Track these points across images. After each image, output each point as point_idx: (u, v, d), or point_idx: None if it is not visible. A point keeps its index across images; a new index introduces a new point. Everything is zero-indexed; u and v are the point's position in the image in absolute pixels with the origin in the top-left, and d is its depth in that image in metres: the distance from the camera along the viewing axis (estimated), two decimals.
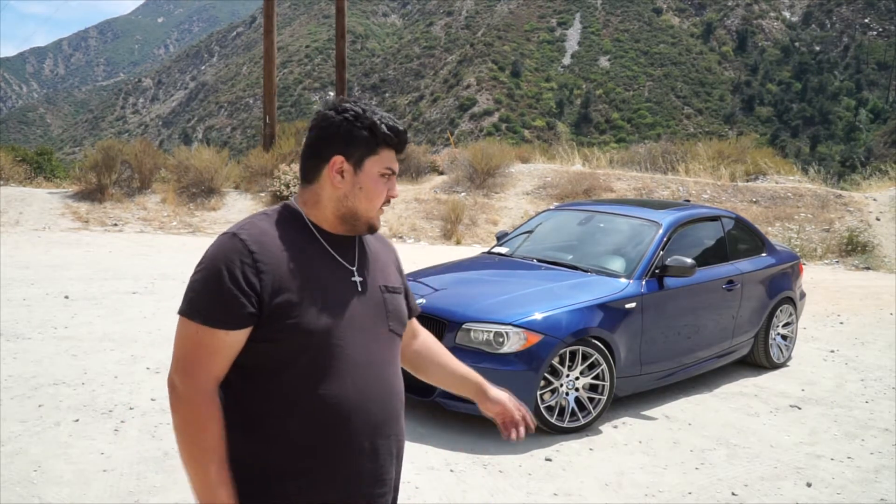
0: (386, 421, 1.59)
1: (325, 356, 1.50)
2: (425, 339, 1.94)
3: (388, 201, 1.64)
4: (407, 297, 1.80)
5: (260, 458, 1.48)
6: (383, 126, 1.58)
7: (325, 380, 1.49)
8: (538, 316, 4.30)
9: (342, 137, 1.57)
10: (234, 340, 1.46)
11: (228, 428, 1.48)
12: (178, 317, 1.50)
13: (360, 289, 1.59)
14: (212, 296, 1.45)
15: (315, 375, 1.49)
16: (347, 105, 1.60)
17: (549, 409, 4.29)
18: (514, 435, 1.87)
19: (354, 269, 1.61)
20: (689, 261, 4.83)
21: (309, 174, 1.61)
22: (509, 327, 4.22)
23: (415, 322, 1.91)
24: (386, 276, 1.70)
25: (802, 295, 6.44)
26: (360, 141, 1.57)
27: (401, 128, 1.62)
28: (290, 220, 1.58)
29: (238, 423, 1.49)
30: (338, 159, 1.57)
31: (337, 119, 1.58)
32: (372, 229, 1.64)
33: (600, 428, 4.47)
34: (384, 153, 1.59)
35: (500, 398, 1.89)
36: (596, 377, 4.44)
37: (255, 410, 1.50)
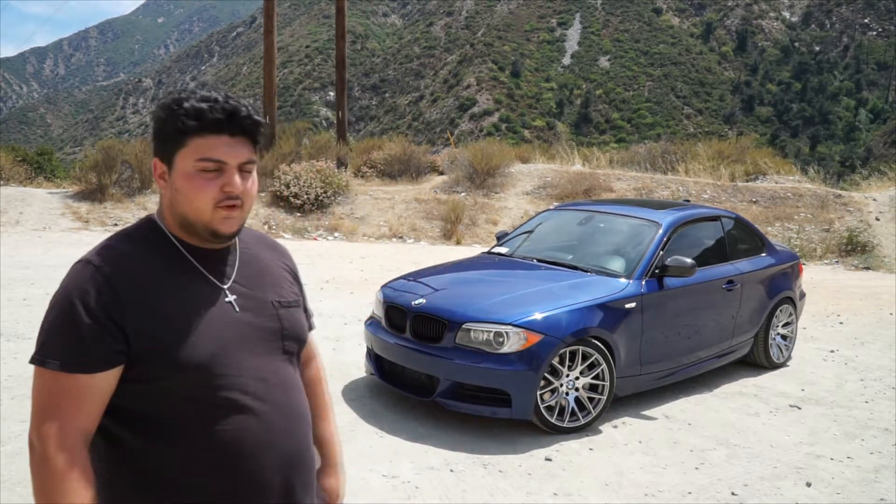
0: (296, 451, 1.40)
1: (213, 390, 1.30)
2: (314, 376, 1.66)
3: (232, 199, 1.33)
4: (305, 310, 1.58)
5: None
6: (188, 106, 1.29)
7: (219, 417, 1.30)
8: (538, 316, 4.30)
9: (154, 136, 1.36)
10: (100, 385, 1.26)
11: (117, 490, 1.30)
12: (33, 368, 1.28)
13: (236, 309, 1.37)
14: (67, 336, 1.25)
15: (207, 414, 1.30)
16: (164, 97, 1.35)
17: (549, 409, 4.29)
18: None
19: (226, 287, 1.38)
20: (689, 261, 4.83)
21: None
22: (509, 327, 4.22)
23: (310, 344, 1.65)
24: (279, 289, 1.48)
25: (802, 295, 6.44)
26: (167, 134, 1.32)
27: (212, 100, 1.30)
28: (152, 238, 1.38)
29: (128, 483, 1.30)
30: (155, 163, 1.37)
31: (154, 115, 1.35)
32: (217, 236, 1.36)
33: (600, 428, 4.47)
34: (199, 141, 1.30)
35: (330, 489, 1.61)
36: (596, 377, 4.44)
37: (146, 464, 1.30)
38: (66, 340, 1.26)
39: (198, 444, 1.30)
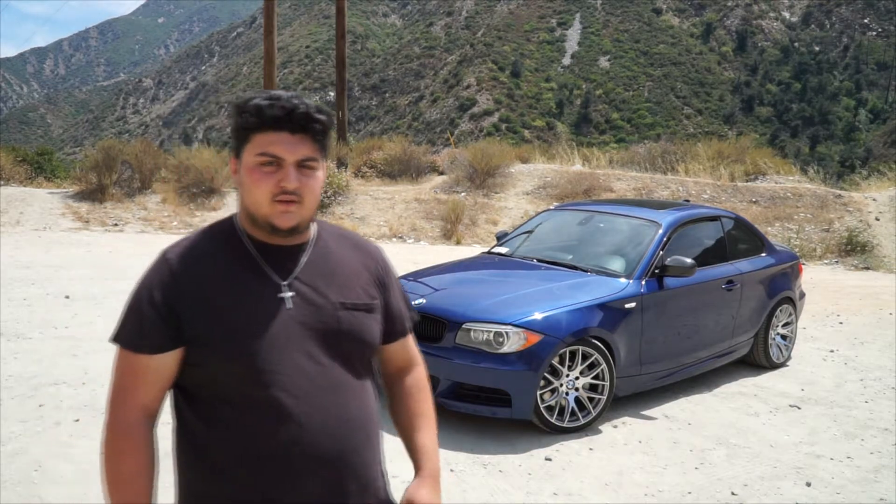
0: (340, 455, 1.39)
1: (253, 386, 1.34)
2: (414, 384, 1.64)
3: (287, 194, 1.36)
4: (389, 312, 1.56)
5: (206, 493, 1.38)
6: (252, 104, 1.37)
7: (257, 412, 1.35)
8: (538, 316, 4.31)
9: (232, 133, 1.43)
10: (159, 365, 1.36)
11: (182, 461, 1.41)
12: None
13: (288, 306, 1.39)
14: (133, 319, 1.38)
15: (247, 407, 1.35)
16: (243, 96, 1.43)
17: (549, 408, 4.29)
18: None
19: (285, 283, 1.40)
20: (689, 261, 4.83)
21: None
22: (509, 327, 4.22)
23: (410, 350, 1.64)
24: (347, 290, 1.46)
25: (802, 295, 6.45)
26: (237, 131, 1.40)
27: (274, 98, 1.36)
28: (224, 233, 1.45)
29: (188, 455, 1.41)
30: (231, 159, 1.45)
31: (229, 114, 1.50)
32: (275, 230, 1.39)
33: (600, 428, 4.48)
34: (260, 137, 1.36)
35: (419, 502, 1.60)
36: (596, 377, 4.44)
37: (199, 441, 1.39)
38: (132, 323, 1.38)
39: (234, 435, 1.36)
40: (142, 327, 1.36)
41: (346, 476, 1.40)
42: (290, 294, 1.40)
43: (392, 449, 4.23)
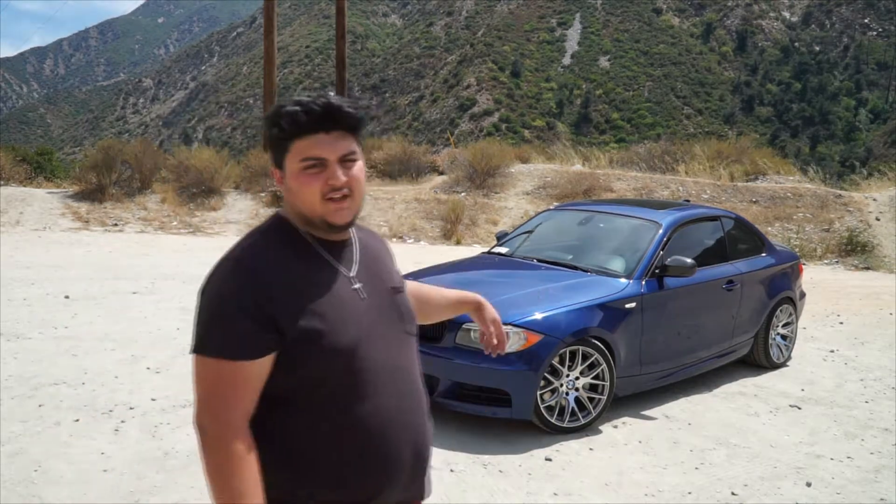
0: (422, 429, 1.52)
1: (356, 373, 1.41)
2: (414, 289, 1.87)
3: (337, 190, 1.43)
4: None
5: (302, 494, 1.40)
6: (284, 113, 1.40)
7: (361, 397, 1.41)
8: (538, 316, 4.30)
9: (268, 147, 1.48)
10: (258, 369, 1.37)
11: (263, 468, 1.39)
12: (193, 357, 1.41)
13: (362, 296, 1.48)
14: (226, 328, 1.36)
15: (350, 394, 1.41)
16: (269, 110, 1.46)
17: (549, 409, 4.29)
18: (487, 351, 1.94)
19: (353, 275, 1.49)
20: (689, 261, 4.83)
21: None
22: (509, 327, 4.22)
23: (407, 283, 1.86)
24: (390, 275, 1.61)
25: (802, 295, 6.44)
26: (275, 143, 1.45)
27: (302, 103, 1.39)
28: (287, 235, 1.47)
29: (272, 462, 1.39)
30: (273, 171, 1.49)
31: (263, 128, 1.50)
32: (333, 227, 1.46)
33: (600, 428, 4.47)
34: (299, 144, 1.41)
35: (488, 319, 1.93)
36: (596, 377, 4.44)
37: (288, 445, 1.40)
38: (225, 332, 1.36)
39: (335, 426, 1.40)
40: (239, 334, 1.35)
41: (425, 451, 1.53)
42: (360, 285, 1.49)
43: None
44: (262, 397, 1.39)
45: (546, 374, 4.26)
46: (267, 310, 1.35)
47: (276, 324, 1.36)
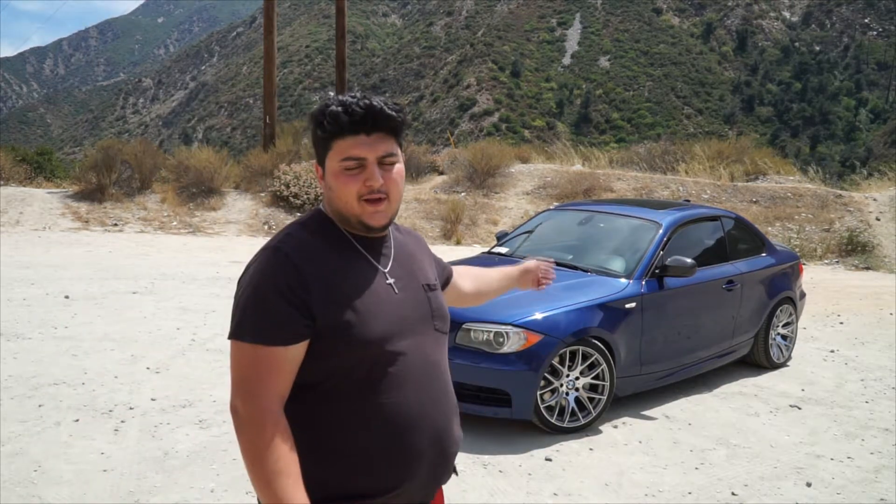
0: (445, 424, 1.55)
1: (383, 365, 1.45)
2: (468, 273, 2.01)
3: (374, 192, 1.47)
4: (444, 270, 1.86)
5: (327, 480, 1.43)
6: (327, 113, 1.45)
7: (386, 389, 1.45)
8: (538, 316, 4.30)
9: (313, 143, 1.53)
10: (293, 355, 1.41)
11: (308, 453, 1.42)
12: (230, 342, 1.44)
13: (395, 291, 1.52)
14: (263, 313, 1.40)
15: (376, 386, 1.44)
16: (315, 108, 1.51)
17: (549, 409, 4.29)
18: (542, 286, 2.15)
19: (387, 270, 1.53)
20: (689, 261, 4.83)
21: None
22: (509, 327, 4.22)
23: (458, 269, 1.98)
24: (425, 272, 1.65)
25: (802, 295, 6.44)
26: (318, 141, 1.49)
27: (346, 104, 1.44)
28: (325, 228, 1.52)
29: (299, 446, 1.41)
30: (316, 167, 1.55)
31: (309, 125, 1.53)
32: (369, 228, 1.50)
33: (600, 428, 4.47)
34: (340, 143, 1.45)
35: (531, 266, 2.14)
36: (596, 377, 4.44)
37: (317, 430, 1.44)
38: (262, 317, 1.39)
39: (361, 416, 1.43)
40: (275, 319, 1.38)
41: (451, 444, 1.57)
42: (393, 280, 1.53)
43: None
44: (301, 381, 1.43)
45: (546, 374, 4.26)
46: (302, 296, 1.39)
47: (311, 311, 1.39)
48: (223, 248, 11.48)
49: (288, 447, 1.37)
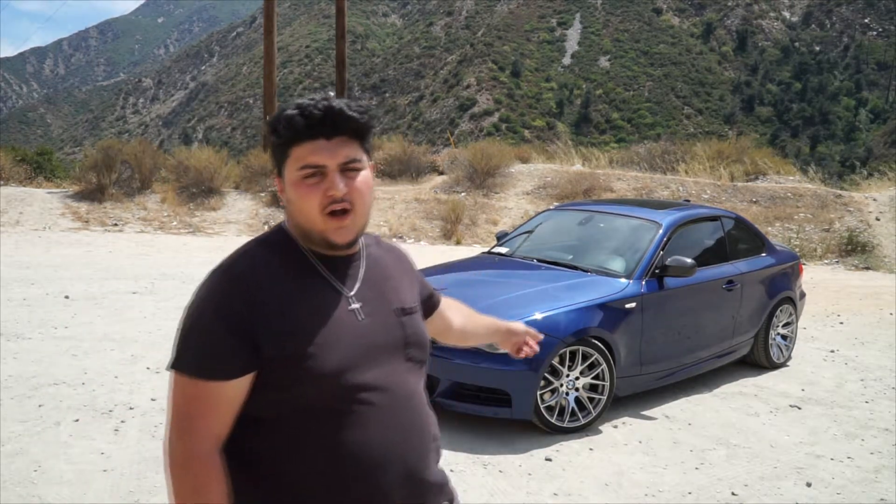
0: (416, 467, 1.38)
1: (343, 400, 1.30)
2: (459, 308, 1.84)
3: (337, 202, 1.31)
4: (429, 296, 1.66)
5: None
6: (282, 118, 1.31)
7: (347, 426, 1.30)
8: (538, 316, 4.30)
9: (271, 153, 1.38)
10: (234, 392, 1.27)
11: (238, 494, 1.29)
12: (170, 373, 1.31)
13: (360, 317, 1.36)
14: (203, 343, 1.27)
15: (334, 423, 1.30)
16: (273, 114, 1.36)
17: (549, 409, 4.29)
18: (521, 354, 1.91)
19: (352, 294, 1.37)
20: (689, 261, 4.83)
21: None
22: None
23: (446, 301, 1.78)
24: (401, 295, 1.47)
25: (802, 295, 6.44)
26: (274, 149, 1.35)
27: (301, 107, 1.30)
28: (285, 247, 1.37)
29: (251, 485, 1.30)
30: (276, 179, 1.40)
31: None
32: (333, 246, 1.35)
33: (600, 428, 4.47)
34: (297, 150, 1.31)
35: (521, 329, 1.93)
36: (596, 377, 4.44)
37: (270, 469, 1.30)
38: (201, 347, 1.27)
39: (319, 455, 1.30)
40: (215, 351, 1.26)
41: (426, 487, 1.39)
42: (358, 305, 1.37)
43: None
44: (245, 417, 1.30)
45: (546, 374, 4.26)
46: (248, 325, 1.26)
47: (257, 341, 1.26)
48: (223, 248, 11.48)
49: (221, 492, 1.25)
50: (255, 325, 1.26)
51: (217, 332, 1.26)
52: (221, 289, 1.30)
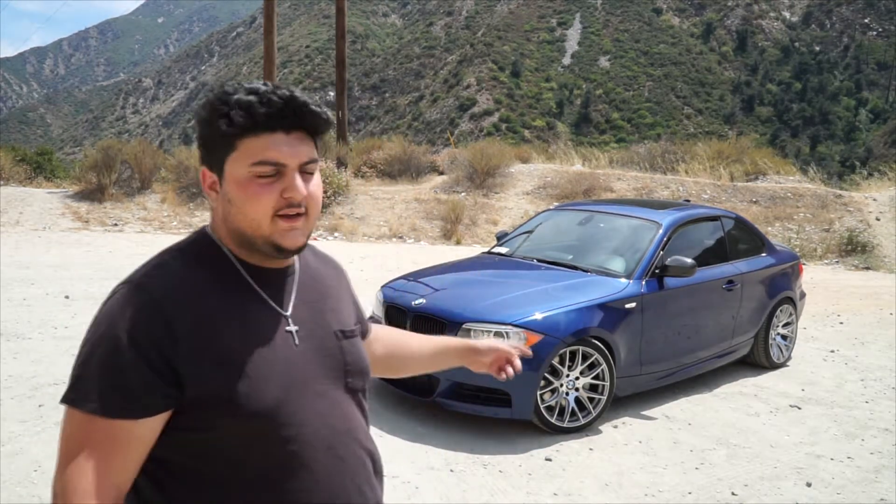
0: (363, 501, 1.22)
1: (274, 442, 1.11)
2: (386, 336, 1.58)
3: (293, 207, 1.14)
4: (359, 324, 1.40)
5: None
6: (234, 102, 1.10)
7: (286, 473, 1.12)
8: (538, 316, 4.30)
9: (200, 141, 1.16)
10: (143, 432, 1.06)
11: None
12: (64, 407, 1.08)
13: (296, 341, 1.17)
14: (108, 373, 1.05)
15: (266, 470, 1.11)
16: (216, 92, 1.14)
17: (549, 409, 4.29)
18: (503, 375, 1.59)
19: (288, 314, 1.19)
20: (689, 261, 4.83)
21: None
22: (509, 327, 4.22)
23: (376, 329, 1.57)
24: (340, 315, 1.29)
25: (802, 295, 6.44)
26: (213, 138, 1.13)
27: (259, 92, 1.11)
28: (208, 255, 1.17)
29: None
30: (204, 172, 1.17)
31: (198, 118, 1.16)
32: (281, 251, 1.16)
33: (600, 428, 4.47)
34: (250, 143, 1.11)
35: (492, 346, 1.60)
36: (596, 377, 4.43)
37: None
38: (106, 379, 1.05)
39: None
40: (124, 384, 1.04)
41: None
42: (296, 328, 1.19)
43: (392, 449, 4.24)
44: (161, 462, 1.10)
45: (546, 374, 4.26)
46: (167, 354, 1.05)
47: (177, 375, 1.06)
48: None
49: None
50: (176, 354, 1.06)
51: (128, 362, 1.05)
52: (133, 309, 1.08)
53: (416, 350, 1.61)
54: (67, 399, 1.07)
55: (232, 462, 1.10)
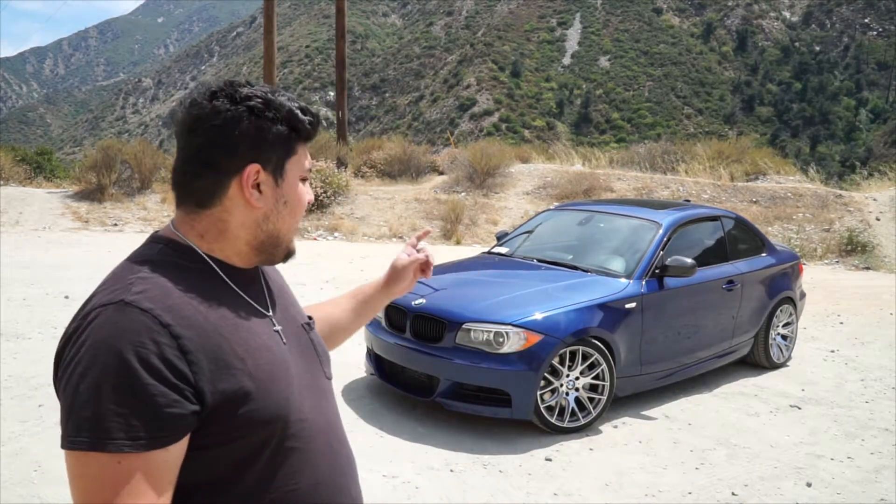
0: (357, 497, 1.27)
1: (290, 440, 1.11)
2: (316, 313, 1.54)
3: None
4: None
5: None
6: (299, 113, 1.14)
7: (296, 469, 1.12)
8: (538, 316, 4.30)
9: (252, 138, 1.10)
10: (175, 458, 1.00)
11: None
12: (69, 455, 0.99)
13: (283, 340, 1.17)
14: (130, 403, 0.95)
15: (284, 468, 1.11)
16: (246, 90, 1.11)
17: (549, 409, 4.29)
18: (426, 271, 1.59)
19: (271, 314, 1.19)
20: (689, 261, 4.83)
21: (203, 196, 1.11)
22: (509, 327, 4.22)
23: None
24: (298, 308, 1.31)
25: (802, 295, 6.44)
26: (278, 139, 1.12)
27: (304, 106, 1.18)
28: (188, 265, 1.11)
29: None
30: (252, 169, 1.11)
31: (237, 112, 1.09)
32: (290, 255, 1.21)
33: (600, 428, 4.47)
34: (301, 150, 1.17)
35: (400, 263, 1.58)
36: (596, 377, 4.43)
37: None
38: (127, 409, 0.95)
39: None
40: (150, 411, 0.96)
41: None
42: (280, 327, 1.19)
43: (391, 450, 4.24)
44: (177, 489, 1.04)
45: (546, 374, 4.26)
46: (181, 369, 0.99)
47: (195, 388, 1.00)
48: None
49: None
50: (191, 369, 1.00)
51: (147, 385, 0.96)
52: (134, 329, 0.99)
53: (341, 316, 1.58)
54: (81, 444, 0.95)
55: (249, 471, 1.08)
